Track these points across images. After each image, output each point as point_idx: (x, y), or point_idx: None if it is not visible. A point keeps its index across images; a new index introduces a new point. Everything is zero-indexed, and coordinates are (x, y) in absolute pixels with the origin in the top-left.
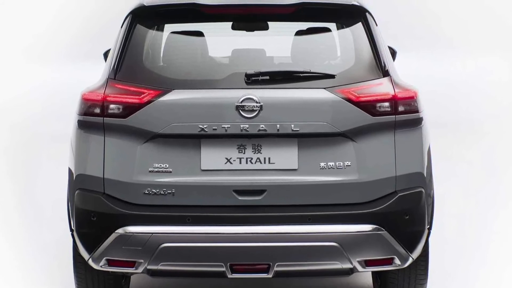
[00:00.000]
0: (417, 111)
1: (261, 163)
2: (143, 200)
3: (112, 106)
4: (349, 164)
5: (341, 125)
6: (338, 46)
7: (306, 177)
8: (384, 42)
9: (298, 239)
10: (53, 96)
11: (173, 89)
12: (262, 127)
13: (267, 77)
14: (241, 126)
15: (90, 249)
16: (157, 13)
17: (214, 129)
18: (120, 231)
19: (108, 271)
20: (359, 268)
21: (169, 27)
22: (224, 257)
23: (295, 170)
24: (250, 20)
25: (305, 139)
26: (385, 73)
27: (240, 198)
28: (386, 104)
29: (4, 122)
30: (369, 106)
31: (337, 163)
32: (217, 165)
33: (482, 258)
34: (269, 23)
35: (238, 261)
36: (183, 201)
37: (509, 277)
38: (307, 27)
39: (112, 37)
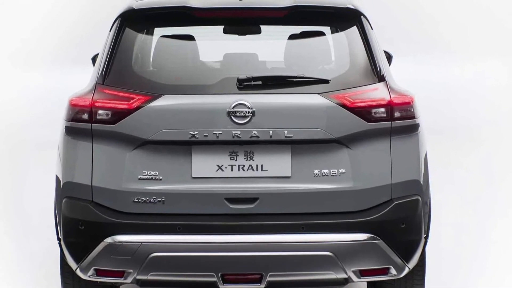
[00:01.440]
0: (413, 117)
1: (253, 170)
2: (132, 209)
3: (100, 112)
4: (343, 171)
5: (335, 131)
6: (333, 50)
7: (300, 185)
8: (379, 46)
9: (291, 248)
10: (40, 102)
11: (163, 95)
12: (254, 133)
13: (260, 82)
14: (233, 132)
15: (78, 259)
16: (146, 17)
17: (205, 135)
18: (108, 240)
19: (97, 281)
20: (354, 278)
21: (159, 31)
22: (216, 267)
23: (288, 177)
24: (242, 23)
25: (298, 146)
26: (381, 78)
27: (232, 206)
28: (382, 109)
29: None
30: (364, 112)
31: (331, 170)
32: (208, 172)
33: (480, 268)
34: (261, 26)
35: (230, 271)
36: (173, 209)
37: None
38: (300, 31)
39: (101, 41)
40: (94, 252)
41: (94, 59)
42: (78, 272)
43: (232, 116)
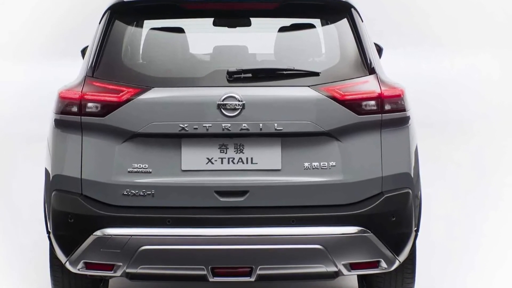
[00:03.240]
0: (404, 110)
1: (243, 163)
2: (122, 202)
3: (90, 104)
4: (334, 164)
5: (325, 124)
6: (323, 43)
7: (290, 178)
8: (370, 39)
9: (281, 242)
10: (29, 95)
11: (153, 87)
12: (244, 126)
13: (250, 75)
14: (223, 125)
15: (67, 252)
16: (136, 9)
17: (195, 128)
18: (98, 233)
19: (86, 275)
20: (344, 271)
21: (148, 24)
22: (205, 260)
23: (278, 170)
24: (232, 16)
25: (288, 139)
26: (371, 71)
27: (221, 199)
28: (372, 102)
29: None
30: (354, 105)
31: (321, 163)
32: (198, 165)
33: (470, 261)
34: (251, 19)
35: (219, 264)
36: (163, 202)
37: (499, 281)
38: (290, 23)
39: (90, 34)
40: (83, 245)
41: (83, 52)
42: (68, 266)
43: (222, 109)
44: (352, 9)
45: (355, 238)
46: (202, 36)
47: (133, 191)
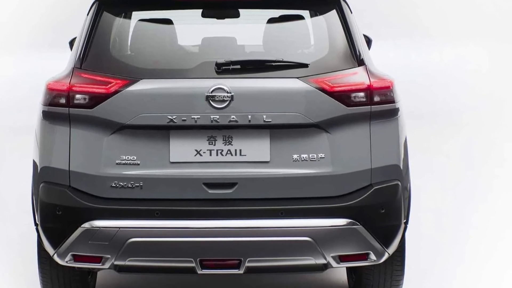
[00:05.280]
0: (393, 101)
1: (232, 155)
2: (110, 194)
3: (78, 96)
4: (323, 156)
5: (314, 115)
6: (312, 34)
7: (279, 170)
8: (359, 30)
9: (270, 234)
10: (16, 87)
11: (141, 79)
12: (233, 118)
13: (238, 66)
14: (211, 117)
15: (55, 244)
16: (124, 0)
17: (183, 120)
18: (86, 225)
19: (74, 267)
20: (333, 263)
21: (136, 15)
22: (194, 252)
23: (267, 162)
24: (221, 7)
25: (277, 131)
26: (360, 62)
27: (210, 191)
28: (361, 94)
29: None
30: (343, 96)
31: (310, 155)
32: (186, 157)
33: (460, 253)
34: (240, 10)
35: (208, 256)
36: (151, 194)
37: (488, 273)
38: (279, 15)
39: (78, 25)
40: (71, 238)
41: (71, 43)
42: (56, 258)
43: (210, 101)
44: (341, 1)
45: (344, 230)
46: (190, 28)
47: (121, 183)
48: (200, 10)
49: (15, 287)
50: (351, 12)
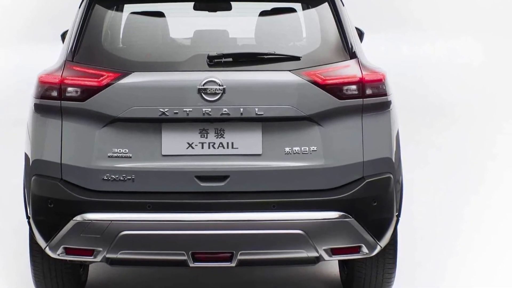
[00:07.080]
0: (385, 94)
1: (224, 148)
2: (102, 186)
3: (69, 89)
4: (315, 149)
5: (306, 108)
6: (304, 27)
7: (271, 163)
8: (351, 23)
9: (262, 227)
10: (8, 80)
11: (133, 72)
12: (225, 110)
13: (230, 59)
14: (203, 109)
15: (47, 237)
16: None
17: (175, 113)
18: (78, 218)
19: (66, 260)
20: (325, 256)
21: (128, 8)
22: (186, 246)
23: (259, 155)
24: (213, 0)
25: (269, 123)
26: (352, 55)
27: (202, 184)
28: (353, 87)
29: None
30: (335, 89)
31: (302, 148)
32: (178, 150)
33: (452, 247)
34: (232, 3)
35: (200, 249)
36: (143, 187)
37: (481, 266)
38: (271, 8)
39: (70, 18)
40: (63, 231)
41: (63, 36)
42: (47, 251)
43: (202, 93)
44: None
45: (336, 223)
46: (182, 20)
47: (113, 176)
48: (192, 3)
49: (7, 280)
50: (343, 5)
